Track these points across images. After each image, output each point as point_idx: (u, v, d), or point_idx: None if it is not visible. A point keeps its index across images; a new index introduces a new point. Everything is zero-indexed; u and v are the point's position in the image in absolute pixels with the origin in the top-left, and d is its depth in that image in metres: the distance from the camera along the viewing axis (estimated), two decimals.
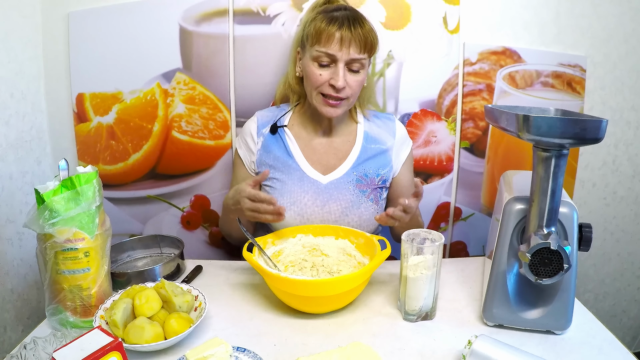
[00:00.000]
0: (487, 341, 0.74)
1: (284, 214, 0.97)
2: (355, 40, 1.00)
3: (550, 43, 1.32)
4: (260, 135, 1.15)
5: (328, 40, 1.00)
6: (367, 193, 1.12)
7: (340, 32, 1.00)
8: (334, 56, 1.01)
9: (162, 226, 1.40)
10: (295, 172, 1.11)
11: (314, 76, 1.04)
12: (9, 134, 1.18)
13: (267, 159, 1.13)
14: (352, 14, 1.03)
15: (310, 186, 1.10)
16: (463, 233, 1.45)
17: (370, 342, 0.80)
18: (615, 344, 0.83)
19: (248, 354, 0.77)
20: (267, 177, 1.09)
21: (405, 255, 0.87)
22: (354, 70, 1.04)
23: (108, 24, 1.26)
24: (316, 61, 1.04)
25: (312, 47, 1.03)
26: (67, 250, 0.83)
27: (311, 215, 1.10)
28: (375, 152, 1.14)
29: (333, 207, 1.10)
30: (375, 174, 1.13)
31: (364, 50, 1.02)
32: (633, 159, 1.45)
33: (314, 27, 1.02)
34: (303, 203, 1.09)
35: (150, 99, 1.30)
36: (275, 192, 1.11)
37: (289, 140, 1.14)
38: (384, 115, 1.20)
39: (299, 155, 1.13)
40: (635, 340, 1.64)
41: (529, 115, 0.69)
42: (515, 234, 0.84)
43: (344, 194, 1.10)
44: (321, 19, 1.02)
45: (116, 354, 0.66)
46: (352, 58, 1.02)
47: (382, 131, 1.16)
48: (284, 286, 0.88)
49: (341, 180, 1.11)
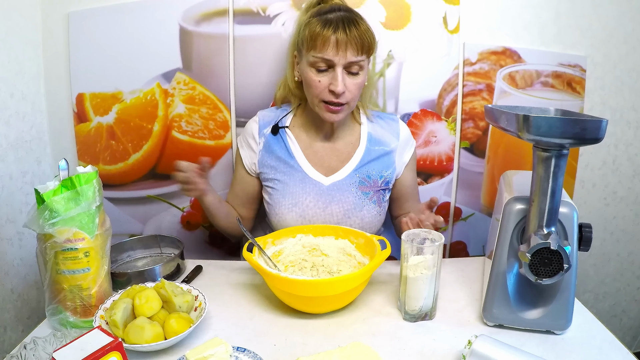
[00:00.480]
0: (487, 341, 0.74)
1: (207, 169, 1.01)
2: (352, 42, 0.97)
3: (550, 43, 1.32)
4: (261, 136, 1.14)
5: (323, 45, 0.98)
6: (370, 195, 1.11)
7: (335, 35, 0.97)
8: (331, 61, 0.99)
9: (162, 226, 1.40)
10: (297, 174, 1.11)
11: (312, 83, 1.02)
12: (9, 134, 1.18)
13: (268, 160, 1.13)
14: (347, 15, 0.99)
15: (312, 188, 1.10)
16: (463, 233, 1.45)
17: (370, 342, 0.80)
18: (615, 344, 0.83)
19: (248, 354, 0.77)
20: (207, 165, 1.04)
21: (405, 255, 0.87)
22: (353, 72, 1.01)
23: (108, 24, 1.26)
24: (313, 67, 1.01)
25: (308, 53, 1.01)
26: (67, 250, 0.83)
27: (313, 217, 1.09)
28: (379, 153, 1.13)
29: (335, 209, 1.09)
30: (379, 175, 1.12)
31: (361, 52, 0.99)
32: (633, 159, 1.45)
33: (309, 31, 1.00)
34: (305, 205, 1.09)
35: (150, 99, 1.30)
36: (277, 194, 1.11)
37: (290, 141, 1.13)
38: (388, 116, 1.19)
39: (301, 157, 1.12)
40: (635, 340, 1.64)
41: (529, 115, 0.69)
42: (515, 234, 0.84)
43: (347, 196, 1.10)
44: (315, 22, 0.99)
45: (116, 354, 0.66)
46: (350, 61, 0.99)
47: (385, 132, 1.15)
48: (284, 286, 0.88)
49: (344, 182, 1.11)
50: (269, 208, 1.13)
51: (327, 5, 1.06)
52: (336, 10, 1.01)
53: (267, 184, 1.13)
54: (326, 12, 1.01)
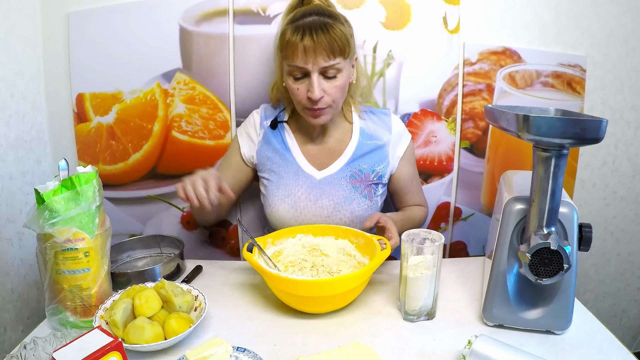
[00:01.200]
0: (487, 341, 0.74)
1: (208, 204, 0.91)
2: (320, 48, 0.96)
3: (550, 43, 1.32)
4: (262, 127, 1.16)
5: (293, 53, 0.97)
6: (361, 189, 1.11)
7: (302, 43, 0.95)
8: (304, 69, 0.98)
9: (162, 226, 1.40)
10: (291, 166, 1.12)
11: (293, 91, 1.03)
12: (9, 134, 1.18)
13: (266, 151, 1.14)
14: (316, 20, 0.97)
15: (304, 180, 1.11)
16: (463, 233, 1.45)
17: (370, 342, 0.80)
18: (615, 344, 0.83)
19: (248, 354, 0.77)
20: (228, 195, 0.97)
21: (405, 255, 0.87)
22: (330, 76, 1.00)
23: (108, 24, 1.26)
24: (291, 75, 1.01)
25: (284, 62, 1.01)
26: (67, 250, 0.83)
27: (304, 209, 1.10)
28: (371, 147, 1.14)
29: (325, 202, 1.10)
30: (371, 169, 1.13)
31: (333, 56, 0.97)
32: (633, 159, 1.45)
33: (281, 40, 1.00)
34: (297, 197, 1.10)
35: (150, 99, 1.30)
36: (272, 185, 1.12)
37: (288, 135, 1.15)
38: (380, 111, 1.20)
39: (297, 151, 1.14)
40: (635, 340, 1.64)
41: (529, 115, 0.69)
42: (515, 234, 0.84)
43: (337, 189, 1.11)
44: (287, 30, 0.98)
45: (116, 354, 0.66)
46: (323, 66, 0.98)
47: (377, 127, 1.16)
48: (284, 286, 0.88)
49: (335, 176, 1.12)
50: (264, 199, 1.15)
51: (301, 10, 1.02)
52: (307, 15, 0.99)
53: (263, 175, 1.15)
54: (298, 19, 0.99)
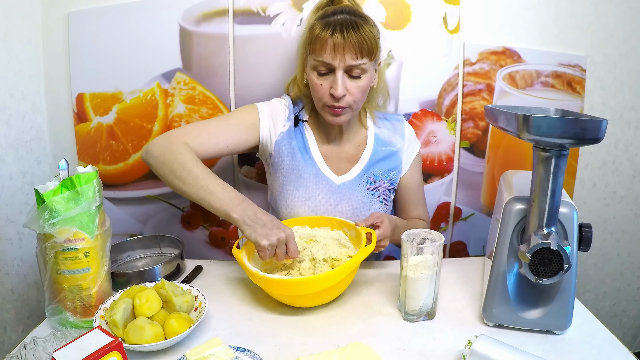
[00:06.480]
0: (487, 341, 0.74)
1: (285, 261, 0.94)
2: (349, 46, 0.96)
3: (550, 43, 1.32)
4: (289, 120, 1.13)
5: (322, 48, 0.97)
6: (377, 195, 1.12)
7: (332, 39, 0.96)
8: (330, 64, 0.98)
9: (162, 226, 1.40)
10: (311, 168, 1.11)
11: (315, 87, 1.02)
12: (9, 134, 1.18)
13: (287, 146, 1.11)
14: (347, 18, 0.98)
15: (324, 184, 1.11)
16: (463, 233, 1.45)
17: (370, 342, 0.80)
18: (615, 344, 0.83)
19: (248, 354, 0.77)
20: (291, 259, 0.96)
21: (405, 255, 0.87)
22: (354, 76, 1.00)
23: (108, 24, 1.26)
24: (315, 70, 1.01)
25: (310, 56, 1.01)
26: (67, 250, 0.83)
27: (324, 213, 1.10)
28: (385, 154, 1.14)
29: (345, 207, 1.10)
30: (385, 175, 1.14)
31: (361, 56, 0.98)
32: (633, 159, 1.45)
33: (310, 34, 1.00)
34: (317, 200, 1.10)
35: (150, 99, 1.30)
36: (290, 185, 1.10)
37: (309, 135, 1.14)
38: (393, 117, 1.20)
39: (316, 152, 1.13)
40: (635, 340, 1.64)
41: (529, 115, 0.69)
42: (515, 234, 0.84)
43: (356, 195, 1.11)
44: (317, 25, 0.99)
45: (116, 354, 0.66)
46: (350, 65, 0.98)
47: (392, 133, 1.16)
48: (266, 285, 0.89)
49: (353, 182, 1.12)
50: (280, 198, 1.12)
51: (332, 8, 1.04)
52: (339, 12, 1.00)
53: (279, 169, 1.12)
54: (329, 15, 1.00)
